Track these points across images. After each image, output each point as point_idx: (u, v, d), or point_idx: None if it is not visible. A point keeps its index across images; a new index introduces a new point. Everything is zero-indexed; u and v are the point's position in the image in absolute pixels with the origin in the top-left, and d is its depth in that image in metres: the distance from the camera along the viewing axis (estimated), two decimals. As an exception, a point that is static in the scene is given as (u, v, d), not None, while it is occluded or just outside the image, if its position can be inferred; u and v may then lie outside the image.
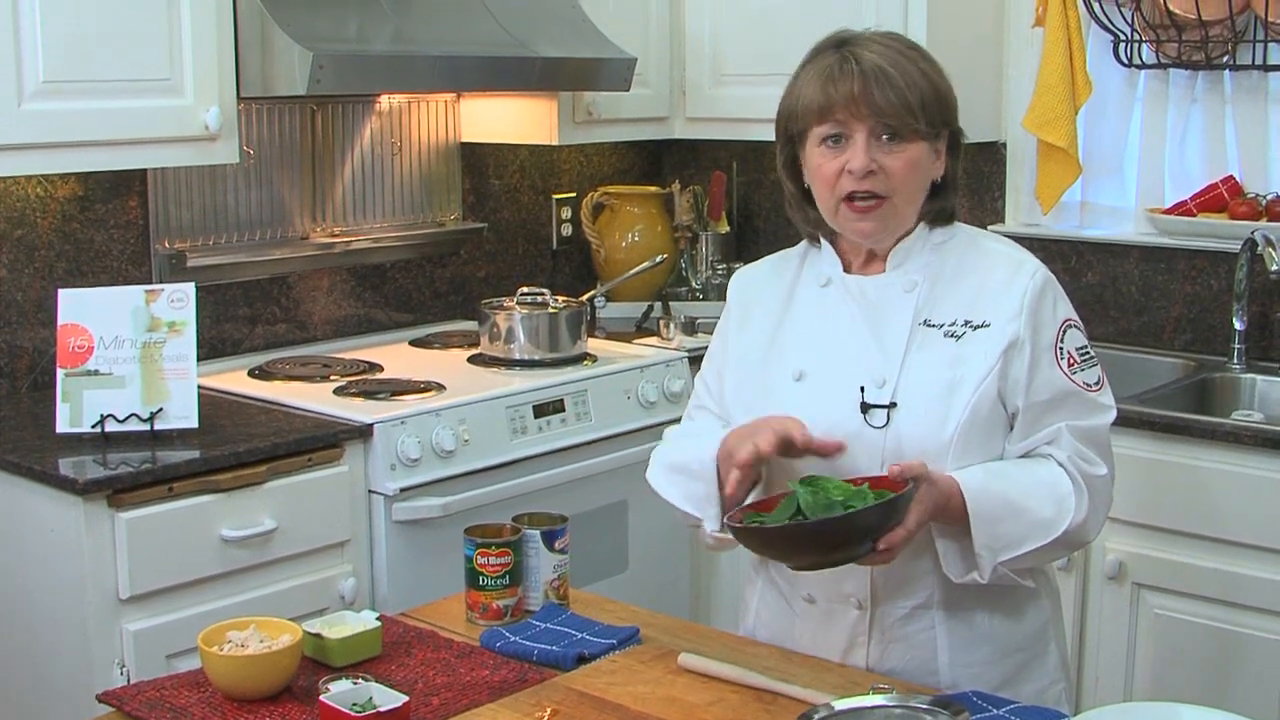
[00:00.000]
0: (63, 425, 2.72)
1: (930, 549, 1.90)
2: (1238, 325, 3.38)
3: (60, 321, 2.76)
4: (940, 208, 1.99)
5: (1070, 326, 1.95)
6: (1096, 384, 1.95)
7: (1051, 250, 3.67)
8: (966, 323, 1.93)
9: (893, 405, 1.90)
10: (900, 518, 1.75)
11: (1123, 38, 3.50)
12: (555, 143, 3.72)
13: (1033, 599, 2.01)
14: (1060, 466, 1.91)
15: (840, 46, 1.93)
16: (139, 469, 2.58)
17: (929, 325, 1.94)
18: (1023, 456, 1.93)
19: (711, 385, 2.11)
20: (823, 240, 2.03)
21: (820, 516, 1.74)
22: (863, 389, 1.92)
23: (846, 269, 2.02)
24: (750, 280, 2.13)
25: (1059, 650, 2.06)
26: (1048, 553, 1.91)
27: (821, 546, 1.76)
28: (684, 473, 2.01)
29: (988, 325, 1.92)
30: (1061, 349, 1.92)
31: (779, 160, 2.03)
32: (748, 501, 1.92)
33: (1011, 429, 1.93)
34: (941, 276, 1.96)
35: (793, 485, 1.82)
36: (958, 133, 1.98)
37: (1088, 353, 1.96)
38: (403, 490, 2.91)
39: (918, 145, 1.91)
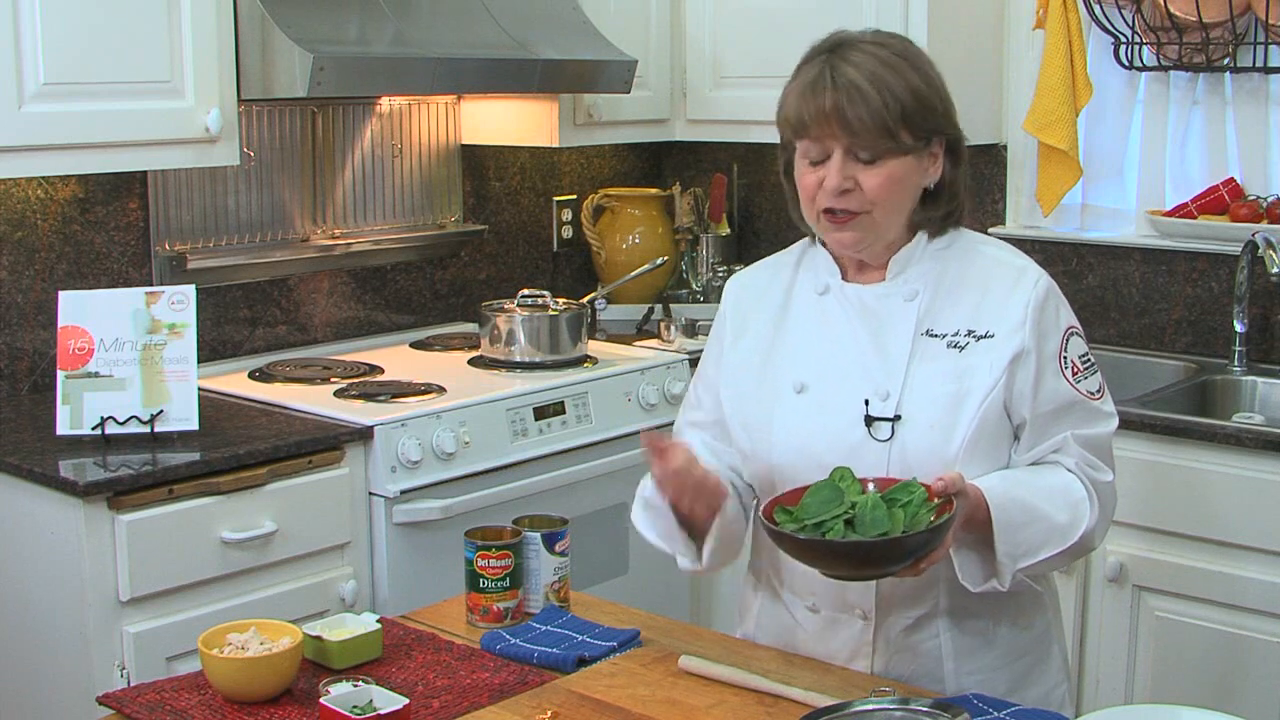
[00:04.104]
0: (63, 427, 2.72)
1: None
2: (1238, 328, 3.38)
3: (60, 323, 2.76)
4: (938, 214, 1.96)
5: (1073, 334, 1.93)
6: (1098, 392, 1.94)
7: (1052, 252, 3.67)
8: (969, 333, 1.91)
9: (897, 418, 1.89)
10: (944, 538, 1.75)
11: (1123, 40, 3.50)
12: (556, 145, 3.72)
13: (1036, 604, 2.01)
14: (1070, 473, 1.90)
15: (829, 53, 1.89)
16: (139, 471, 2.58)
17: (931, 335, 1.92)
18: (1030, 465, 1.93)
19: (704, 398, 2.08)
20: (819, 245, 2.02)
21: (874, 536, 1.71)
22: (867, 402, 1.90)
23: (844, 275, 1.99)
24: (745, 286, 2.09)
25: (1061, 653, 2.06)
26: (1060, 559, 1.90)
27: (864, 563, 1.74)
28: (652, 508, 1.99)
29: (991, 336, 1.90)
30: (1065, 358, 1.91)
31: (780, 163, 2.00)
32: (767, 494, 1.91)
33: (1017, 439, 1.92)
34: (942, 285, 1.94)
35: (843, 498, 1.79)
36: (956, 139, 1.95)
37: (1089, 360, 1.95)
38: (403, 492, 2.91)
39: (898, 161, 1.87)
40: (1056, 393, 1.90)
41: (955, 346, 1.91)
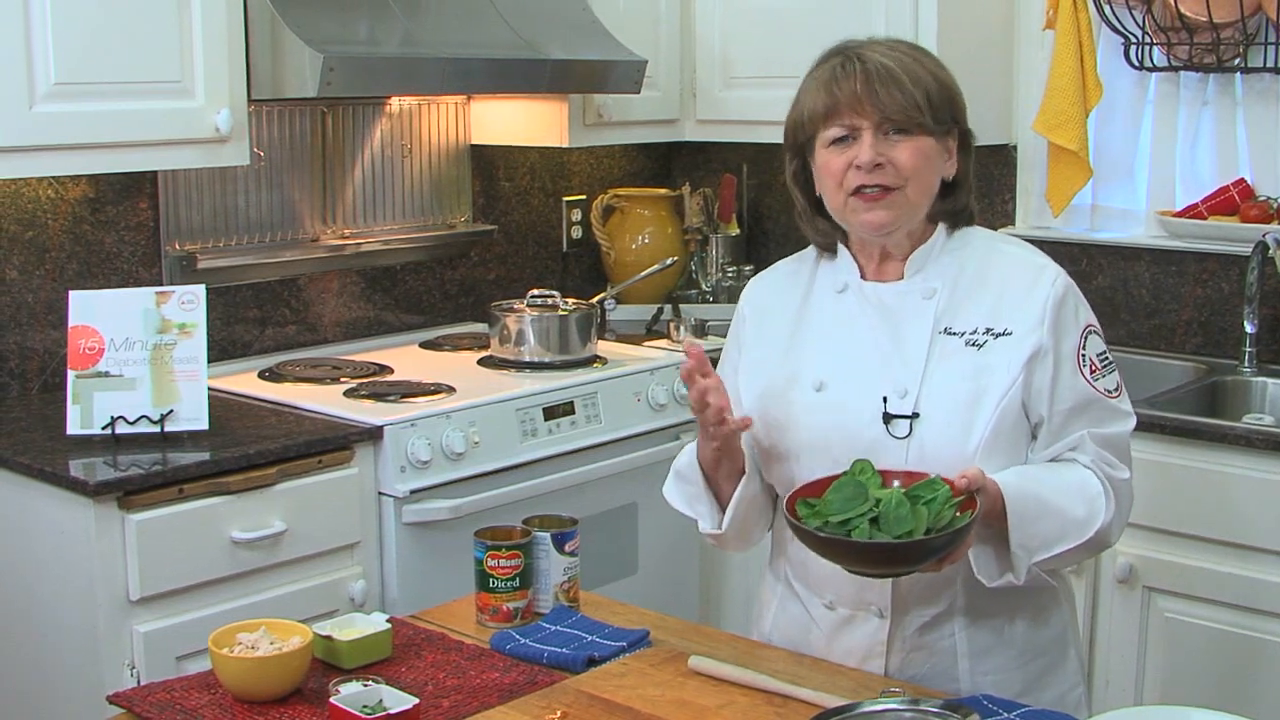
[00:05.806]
0: (73, 427, 2.72)
1: None
2: (1248, 328, 3.37)
3: (71, 323, 2.77)
4: (954, 208, 1.97)
5: (1091, 333, 1.93)
6: (1116, 390, 1.94)
7: (1062, 253, 3.66)
8: (988, 330, 1.91)
9: (915, 416, 1.89)
10: (967, 537, 1.75)
11: (1133, 40, 3.49)
12: (565, 145, 3.72)
13: (1053, 604, 2.01)
14: (1087, 469, 1.90)
15: (843, 53, 1.93)
16: (149, 471, 2.58)
17: (949, 333, 1.92)
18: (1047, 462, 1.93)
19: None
20: (839, 246, 2.02)
21: (900, 535, 1.72)
22: (885, 399, 1.91)
23: (862, 275, 2.00)
24: (763, 288, 2.11)
25: (1078, 656, 2.05)
26: (1077, 554, 1.90)
27: (889, 562, 1.75)
28: (680, 477, 2.04)
29: (1009, 333, 1.90)
30: (1084, 356, 1.91)
31: (788, 171, 2.01)
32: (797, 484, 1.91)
33: (1034, 438, 1.92)
34: (960, 283, 1.95)
35: (869, 491, 1.79)
36: (968, 133, 1.97)
37: (1107, 358, 1.95)
38: (413, 492, 2.91)
39: (925, 139, 1.89)
40: (1074, 390, 1.90)
41: (973, 344, 1.91)
